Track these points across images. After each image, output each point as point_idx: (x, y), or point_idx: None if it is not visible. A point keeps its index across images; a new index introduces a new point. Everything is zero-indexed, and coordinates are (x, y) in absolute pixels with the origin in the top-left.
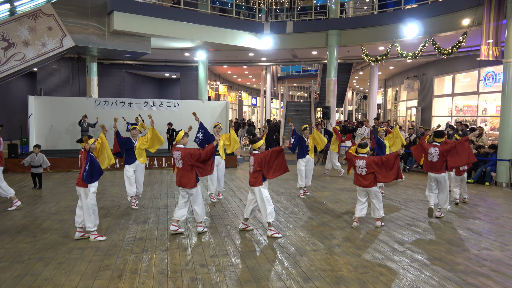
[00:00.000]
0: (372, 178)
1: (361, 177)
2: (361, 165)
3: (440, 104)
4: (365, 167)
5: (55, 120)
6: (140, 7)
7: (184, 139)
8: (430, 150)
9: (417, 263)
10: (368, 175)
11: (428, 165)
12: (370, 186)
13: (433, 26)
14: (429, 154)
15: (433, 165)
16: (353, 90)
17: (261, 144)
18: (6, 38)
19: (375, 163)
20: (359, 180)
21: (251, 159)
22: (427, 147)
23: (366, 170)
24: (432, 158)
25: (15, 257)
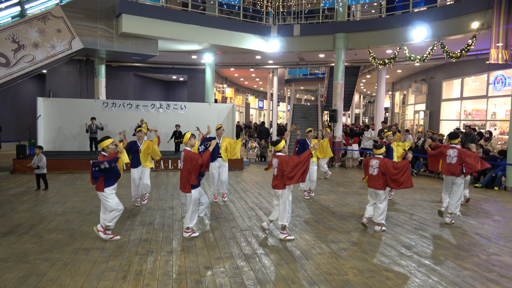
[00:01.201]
0: (382, 180)
1: (372, 178)
2: (374, 165)
3: (449, 108)
4: (377, 167)
5: (63, 122)
6: (148, 9)
7: (191, 140)
8: (449, 152)
9: (425, 268)
10: (379, 176)
11: (446, 167)
12: (378, 188)
13: (441, 29)
14: (448, 156)
15: (451, 167)
16: (361, 93)
17: (284, 145)
18: (16, 40)
19: (387, 166)
20: (370, 180)
21: (275, 161)
22: (445, 150)
23: (378, 171)
24: (451, 160)
25: (20, 258)
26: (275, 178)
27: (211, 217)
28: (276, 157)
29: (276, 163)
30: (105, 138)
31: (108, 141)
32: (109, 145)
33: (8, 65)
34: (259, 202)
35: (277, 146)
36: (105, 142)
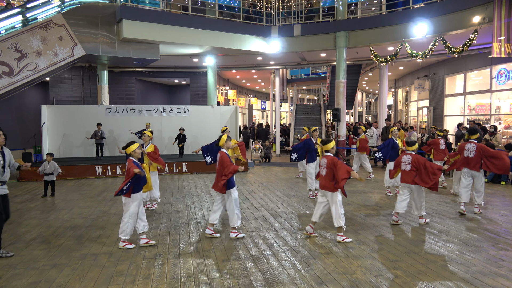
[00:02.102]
0: (415, 175)
1: (405, 173)
2: (406, 160)
3: (452, 103)
4: (410, 163)
5: (68, 128)
6: (148, 14)
7: (228, 143)
8: (467, 146)
9: (433, 265)
10: (412, 172)
11: (464, 161)
12: (413, 182)
13: (442, 24)
14: (466, 150)
15: (470, 160)
16: (363, 91)
17: (334, 145)
18: (19, 49)
19: (419, 162)
20: (403, 175)
21: (324, 161)
22: (463, 145)
23: (411, 166)
24: (469, 153)
25: (29, 264)
26: (323, 178)
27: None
28: (325, 157)
29: (325, 163)
30: (131, 143)
31: (134, 146)
32: (136, 150)
33: (11, 74)
34: (264, 203)
35: (327, 145)
36: (131, 147)
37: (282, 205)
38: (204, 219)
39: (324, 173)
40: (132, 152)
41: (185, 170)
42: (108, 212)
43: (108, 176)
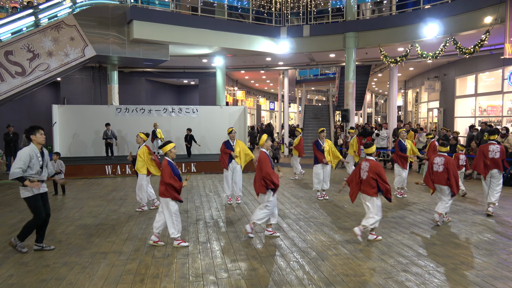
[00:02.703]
0: (447, 177)
1: (436, 174)
2: (438, 161)
3: (463, 104)
4: (442, 164)
5: (78, 128)
6: (158, 15)
7: (268, 143)
8: (491, 147)
9: (443, 268)
10: (444, 173)
11: (491, 162)
12: (443, 183)
13: (453, 25)
14: (490, 152)
15: (495, 161)
16: (372, 92)
17: (375, 149)
18: (31, 50)
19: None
20: (435, 176)
21: (365, 164)
22: (487, 147)
23: (443, 168)
24: (494, 155)
25: (40, 262)
26: (363, 182)
27: (226, 220)
28: (367, 161)
29: (367, 167)
30: (168, 143)
31: (170, 145)
32: (172, 150)
33: (24, 74)
34: None
35: (369, 149)
36: (167, 147)
37: (290, 206)
38: (213, 219)
39: (365, 176)
40: (168, 151)
41: (194, 170)
42: (117, 211)
43: (118, 176)
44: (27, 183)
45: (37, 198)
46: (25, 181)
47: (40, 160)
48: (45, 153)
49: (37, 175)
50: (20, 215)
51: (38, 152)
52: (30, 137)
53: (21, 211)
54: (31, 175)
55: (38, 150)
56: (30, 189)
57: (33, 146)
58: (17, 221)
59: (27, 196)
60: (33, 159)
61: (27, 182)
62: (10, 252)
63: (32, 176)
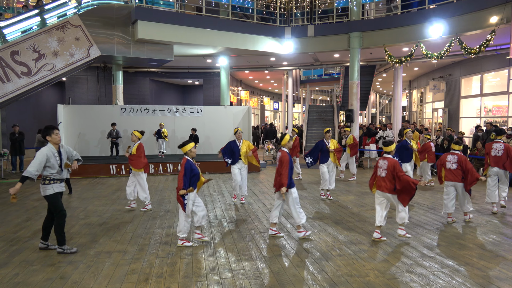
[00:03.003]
0: (461, 174)
1: (451, 172)
2: (451, 159)
3: (468, 105)
4: (455, 162)
5: (83, 128)
6: (163, 15)
7: (290, 143)
8: (495, 145)
9: (448, 269)
10: (459, 171)
11: (493, 160)
12: (461, 181)
13: (459, 25)
14: (493, 150)
15: (498, 159)
16: (377, 92)
17: (394, 148)
18: (37, 50)
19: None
20: (448, 175)
21: (383, 162)
22: (490, 145)
23: (457, 165)
24: (496, 152)
25: (45, 261)
26: (382, 180)
27: (229, 220)
28: (386, 159)
29: (386, 165)
30: (187, 142)
31: (190, 145)
32: (192, 149)
33: (29, 74)
34: None
35: (389, 147)
36: (186, 146)
37: None
38: (217, 219)
39: (384, 174)
40: (188, 151)
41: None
42: (122, 211)
43: (122, 176)
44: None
45: (58, 196)
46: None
47: (58, 160)
48: (62, 152)
49: (57, 174)
50: (26, 214)
51: (56, 151)
52: (46, 138)
53: (26, 210)
54: (52, 174)
55: (56, 149)
56: (51, 187)
57: (51, 146)
58: (23, 220)
59: (49, 194)
60: (51, 159)
61: None
62: (16, 251)
63: (54, 175)
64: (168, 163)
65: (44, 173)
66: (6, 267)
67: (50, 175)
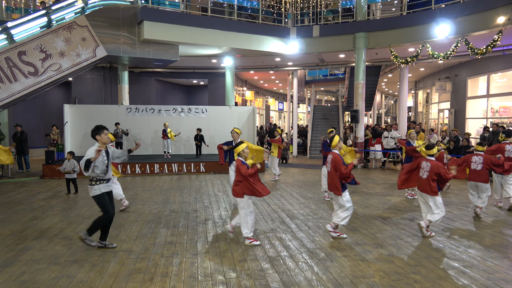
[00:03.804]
0: (487, 174)
1: (476, 172)
2: (477, 160)
3: (475, 106)
4: (481, 163)
5: (89, 127)
6: (169, 16)
7: (340, 143)
8: (508, 147)
9: (454, 270)
10: (485, 171)
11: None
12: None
13: (465, 25)
14: (506, 151)
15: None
16: (382, 93)
17: (437, 150)
18: (44, 50)
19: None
20: (473, 175)
21: (426, 163)
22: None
23: (482, 166)
24: (509, 154)
25: (52, 259)
26: (423, 182)
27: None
28: (429, 161)
29: (428, 167)
30: (240, 143)
31: (242, 146)
32: (244, 150)
33: (36, 74)
34: (281, 204)
35: (431, 150)
36: (239, 148)
37: (299, 206)
38: (221, 219)
39: (425, 176)
40: (241, 151)
41: (203, 170)
42: (127, 211)
43: (128, 175)
44: (96, 153)
45: (104, 196)
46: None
47: (106, 160)
48: (110, 152)
49: (103, 175)
50: (32, 213)
51: (104, 151)
52: (96, 137)
53: (33, 209)
54: (98, 175)
55: (104, 149)
56: (98, 187)
57: (98, 145)
58: (29, 219)
59: (96, 194)
60: (99, 158)
61: (96, 152)
62: (22, 250)
63: (100, 176)
64: (173, 163)
65: (91, 174)
66: (13, 266)
67: (96, 176)
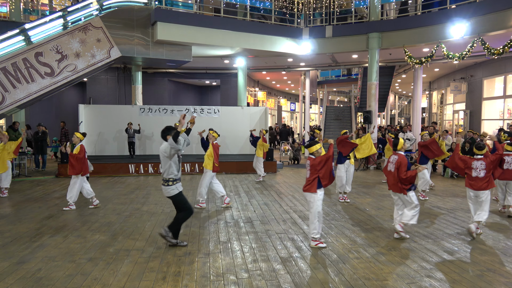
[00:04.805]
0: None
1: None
2: (510, 160)
3: (491, 107)
4: (484, 169)
5: (103, 127)
6: (182, 17)
7: (405, 145)
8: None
9: (469, 275)
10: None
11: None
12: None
13: (481, 25)
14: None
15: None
16: (396, 93)
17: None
18: (60, 51)
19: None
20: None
21: (479, 163)
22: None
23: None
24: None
25: (67, 257)
26: (481, 180)
27: (246, 220)
28: (482, 160)
29: (483, 166)
30: (314, 143)
31: (317, 145)
32: (319, 149)
33: (52, 74)
34: (293, 205)
35: (483, 151)
36: (313, 147)
37: None
38: (233, 219)
39: (481, 174)
40: (315, 151)
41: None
42: (140, 210)
43: (141, 174)
44: (181, 120)
45: (182, 194)
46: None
47: (177, 160)
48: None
49: (178, 174)
50: (48, 211)
51: None
52: (166, 138)
53: (49, 207)
54: (175, 175)
55: None
56: (175, 187)
57: None
58: (45, 217)
59: (175, 194)
60: (174, 158)
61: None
62: (38, 247)
63: (176, 176)
64: (186, 163)
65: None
66: (29, 263)
67: (173, 176)
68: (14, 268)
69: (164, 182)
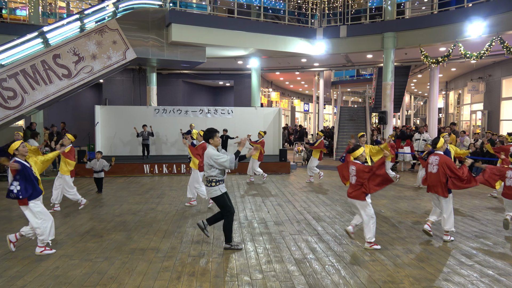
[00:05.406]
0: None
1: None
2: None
3: (510, 107)
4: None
5: (119, 128)
6: (196, 18)
7: (445, 145)
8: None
9: (488, 279)
10: None
11: None
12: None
13: (500, 23)
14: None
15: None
16: (411, 93)
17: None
18: (77, 53)
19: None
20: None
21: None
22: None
23: None
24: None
25: (83, 256)
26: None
27: (260, 221)
28: None
29: None
30: (357, 147)
31: (360, 150)
32: (362, 153)
33: (70, 76)
34: (307, 206)
35: None
36: (357, 152)
37: (325, 208)
38: (247, 220)
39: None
40: (359, 155)
41: (228, 171)
42: (155, 210)
43: (155, 175)
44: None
45: (225, 196)
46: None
47: None
48: None
49: (221, 175)
50: (65, 210)
51: None
52: (209, 141)
53: (65, 206)
54: (217, 175)
55: None
56: (217, 188)
57: (213, 147)
58: (62, 216)
59: (217, 195)
60: None
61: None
62: (56, 245)
63: (219, 177)
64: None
65: (210, 176)
66: (47, 260)
67: (215, 176)
68: (33, 266)
69: (208, 183)
